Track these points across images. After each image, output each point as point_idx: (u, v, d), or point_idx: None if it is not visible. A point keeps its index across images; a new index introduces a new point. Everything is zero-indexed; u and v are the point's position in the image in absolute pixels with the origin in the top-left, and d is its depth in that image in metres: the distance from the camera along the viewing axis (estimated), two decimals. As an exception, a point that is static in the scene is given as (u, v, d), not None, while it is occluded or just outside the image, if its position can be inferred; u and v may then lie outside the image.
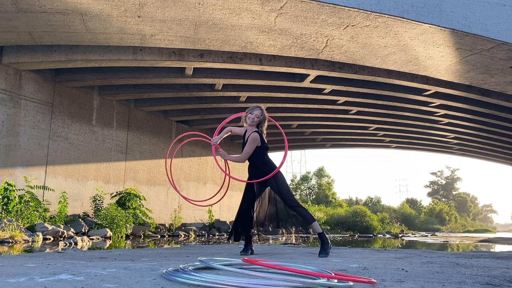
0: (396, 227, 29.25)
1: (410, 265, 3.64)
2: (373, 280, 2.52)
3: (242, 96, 13.51)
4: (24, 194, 9.46)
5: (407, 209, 40.45)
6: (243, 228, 4.89)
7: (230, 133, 4.93)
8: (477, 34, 7.94)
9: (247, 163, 4.90)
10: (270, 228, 4.91)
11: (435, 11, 7.66)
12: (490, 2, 8.00)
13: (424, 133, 18.87)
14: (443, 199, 63.96)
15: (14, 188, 9.16)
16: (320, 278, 2.35)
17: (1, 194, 8.99)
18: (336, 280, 2.32)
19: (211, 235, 13.75)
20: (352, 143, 22.53)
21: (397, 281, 2.58)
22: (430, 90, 12.30)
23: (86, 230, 10.15)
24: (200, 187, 17.10)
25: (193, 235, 12.99)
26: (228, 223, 16.37)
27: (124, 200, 12.19)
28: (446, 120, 16.02)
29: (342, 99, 13.88)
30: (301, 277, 2.41)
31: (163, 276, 2.50)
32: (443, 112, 14.78)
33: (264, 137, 4.77)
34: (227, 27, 8.41)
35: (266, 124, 4.83)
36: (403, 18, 7.54)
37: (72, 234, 9.45)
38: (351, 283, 2.34)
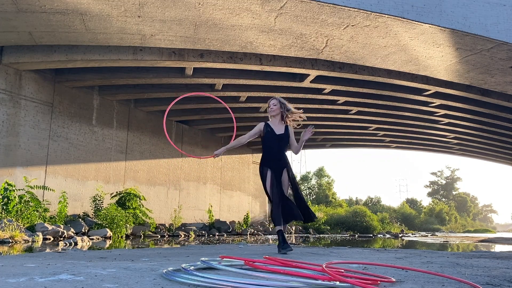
0: (396, 227, 29.26)
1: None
2: (392, 279, 2.55)
3: (242, 96, 13.52)
4: (24, 194, 9.46)
5: (407, 209, 40.47)
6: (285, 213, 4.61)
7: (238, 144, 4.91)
8: (477, 34, 7.95)
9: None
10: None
11: (435, 11, 7.66)
12: (490, 2, 8.01)
13: (424, 133, 18.87)
14: (443, 199, 63.99)
15: (14, 188, 9.16)
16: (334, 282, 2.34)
17: (1, 194, 8.99)
18: (338, 282, 2.32)
19: (211, 235, 13.75)
20: (352, 143, 22.53)
21: (397, 281, 2.58)
22: (430, 90, 12.30)
23: (86, 230, 10.15)
24: (200, 187, 17.10)
25: (193, 235, 12.99)
26: (228, 223, 16.38)
27: (124, 200, 12.20)
28: (446, 120, 16.03)
29: (342, 99, 13.88)
30: (301, 277, 2.41)
31: (163, 276, 2.50)
32: (443, 112, 14.78)
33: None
34: (227, 27, 8.41)
35: (292, 111, 4.94)
36: (403, 18, 7.54)
37: (72, 234, 9.45)
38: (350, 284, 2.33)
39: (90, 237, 9.32)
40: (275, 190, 4.67)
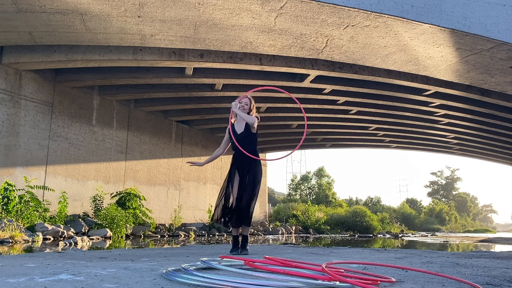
0: (396, 227, 29.24)
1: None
2: (392, 279, 2.55)
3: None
4: (24, 194, 9.45)
5: (407, 209, 40.42)
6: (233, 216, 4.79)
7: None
8: (477, 34, 7.94)
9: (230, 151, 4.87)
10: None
11: (435, 11, 7.66)
12: (490, 2, 8.00)
13: (424, 133, 18.87)
14: (443, 199, 63.93)
15: (14, 188, 9.16)
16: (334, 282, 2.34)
17: (1, 194, 8.99)
18: (338, 282, 2.32)
19: (211, 235, 13.75)
20: (352, 143, 22.53)
21: (397, 281, 2.58)
22: (430, 90, 12.30)
23: (86, 230, 10.15)
24: (200, 187, 17.10)
25: (193, 235, 12.99)
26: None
27: (124, 200, 12.19)
28: (446, 120, 16.02)
29: (342, 99, 13.88)
30: (301, 277, 2.41)
31: (163, 276, 2.50)
32: (443, 112, 14.78)
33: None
34: (227, 27, 8.41)
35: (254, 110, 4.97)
36: (403, 18, 7.54)
37: (72, 234, 9.45)
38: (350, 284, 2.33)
39: (90, 237, 9.32)
40: (235, 195, 4.69)
